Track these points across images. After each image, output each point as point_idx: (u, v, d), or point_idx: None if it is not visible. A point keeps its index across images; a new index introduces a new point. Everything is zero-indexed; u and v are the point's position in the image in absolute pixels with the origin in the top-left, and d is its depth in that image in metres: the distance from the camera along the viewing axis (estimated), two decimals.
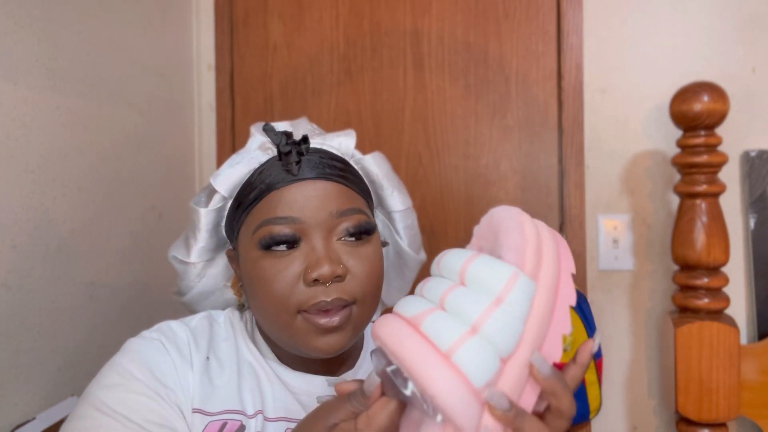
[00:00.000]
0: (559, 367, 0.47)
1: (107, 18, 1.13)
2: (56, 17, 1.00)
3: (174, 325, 0.67)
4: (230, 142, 1.49)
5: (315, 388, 0.65)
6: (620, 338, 1.30)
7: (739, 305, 1.22)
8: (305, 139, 0.63)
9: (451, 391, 0.39)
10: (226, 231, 0.68)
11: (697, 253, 1.08)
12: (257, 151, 0.65)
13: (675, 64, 1.27)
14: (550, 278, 0.44)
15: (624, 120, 1.30)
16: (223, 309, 0.73)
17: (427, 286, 0.46)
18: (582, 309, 1.19)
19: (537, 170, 1.35)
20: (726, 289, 1.11)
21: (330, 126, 1.41)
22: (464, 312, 0.41)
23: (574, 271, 0.47)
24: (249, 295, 0.64)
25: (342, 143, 0.67)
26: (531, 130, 1.35)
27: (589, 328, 1.18)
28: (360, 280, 0.61)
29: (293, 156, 0.62)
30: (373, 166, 0.69)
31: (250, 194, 0.63)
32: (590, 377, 1.18)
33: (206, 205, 0.66)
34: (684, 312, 1.12)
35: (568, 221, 1.32)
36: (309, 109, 1.45)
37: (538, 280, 0.44)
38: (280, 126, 0.67)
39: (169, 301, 1.34)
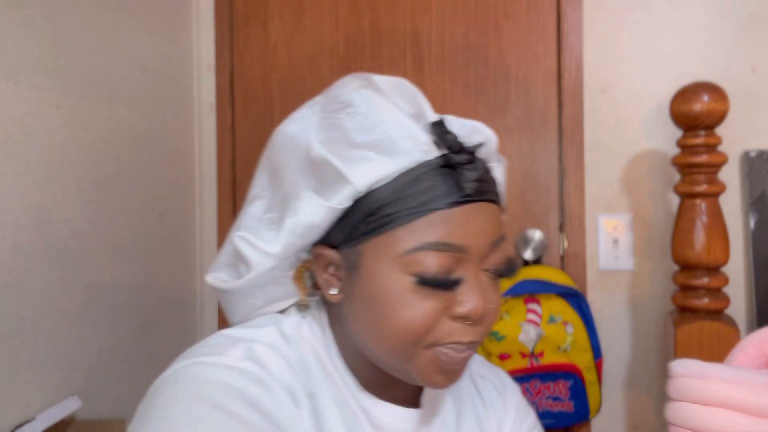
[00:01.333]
0: (560, 367, 0.45)
1: (107, 18, 1.13)
2: (56, 17, 1.00)
3: (260, 352, 0.52)
4: (230, 142, 1.49)
5: (404, 424, 0.57)
6: (620, 338, 1.30)
7: (739, 305, 1.22)
8: (478, 148, 0.52)
9: None
10: (335, 226, 0.53)
11: (697, 253, 1.08)
12: (407, 141, 0.50)
13: (675, 64, 1.27)
14: None
15: (624, 120, 1.30)
16: (274, 299, 0.58)
17: None
18: (582, 309, 1.19)
19: (537, 170, 1.35)
20: (726, 289, 1.11)
21: None
22: None
23: None
24: (364, 315, 0.52)
25: (490, 139, 0.54)
26: (531, 130, 1.35)
27: (589, 328, 1.18)
28: (491, 321, 0.53)
29: (474, 173, 0.50)
30: (501, 175, 0.56)
31: (403, 203, 0.49)
32: (590, 377, 1.18)
33: (327, 197, 0.51)
34: (684, 312, 1.12)
35: (568, 221, 1.32)
36: None
37: None
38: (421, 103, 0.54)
39: (170, 301, 1.34)
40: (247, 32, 1.49)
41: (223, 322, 1.39)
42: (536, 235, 1.32)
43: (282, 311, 0.59)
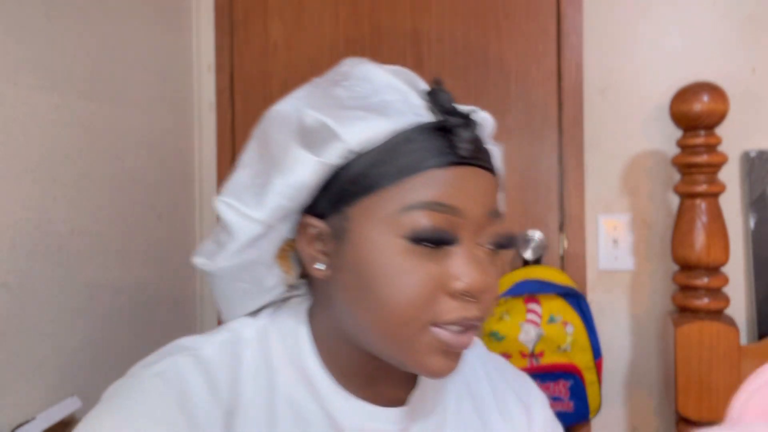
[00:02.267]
0: (560, 367, 0.41)
1: (107, 18, 1.13)
2: (56, 17, 1.00)
3: (186, 371, 0.49)
4: (230, 142, 1.49)
5: (379, 425, 0.53)
6: (620, 338, 1.30)
7: (739, 305, 1.22)
8: (474, 112, 0.52)
9: None
10: (323, 192, 0.50)
11: (697, 253, 1.08)
12: (402, 104, 0.50)
13: (675, 64, 1.27)
14: None
15: (624, 120, 1.30)
16: (262, 288, 0.56)
17: None
18: (582, 309, 1.19)
19: (537, 170, 1.35)
20: (726, 289, 1.11)
21: None
22: None
23: None
24: (355, 290, 0.49)
25: (486, 120, 0.55)
26: (531, 130, 1.35)
27: (589, 328, 1.18)
28: (493, 297, 0.50)
29: (468, 133, 0.49)
30: (498, 160, 0.56)
31: (396, 161, 0.47)
32: (590, 377, 1.18)
33: (317, 153, 0.48)
34: (684, 312, 1.12)
35: (568, 221, 1.32)
36: None
37: None
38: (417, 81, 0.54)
39: (170, 301, 1.34)
40: (247, 32, 1.49)
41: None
42: (536, 235, 1.32)
43: (259, 310, 0.57)
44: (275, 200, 0.49)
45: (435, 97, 0.50)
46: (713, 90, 1.06)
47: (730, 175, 1.21)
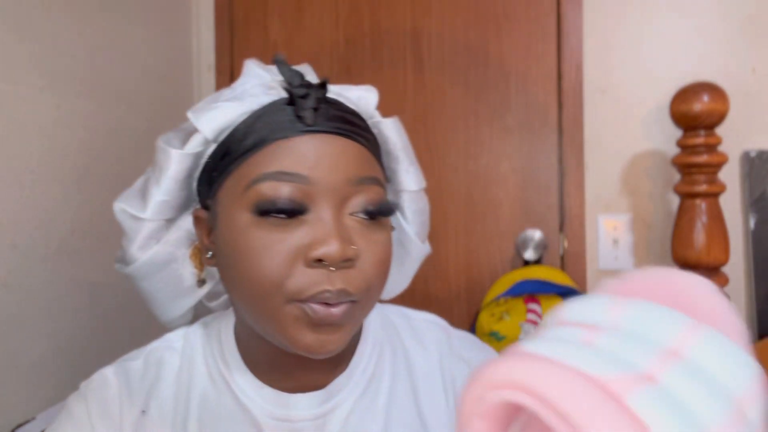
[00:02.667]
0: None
1: (107, 18, 1.13)
2: (56, 17, 1.00)
3: (110, 376, 0.56)
4: None
5: (292, 412, 0.54)
6: None
7: (739, 305, 1.22)
8: (323, 84, 0.51)
9: None
10: (199, 184, 0.54)
11: (697, 253, 1.08)
12: (257, 88, 0.52)
13: (675, 64, 1.27)
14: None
15: (624, 120, 1.30)
16: (179, 291, 0.59)
17: (601, 337, 0.29)
18: None
19: (537, 170, 1.35)
20: (726, 289, 1.11)
21: None
22: (692, 407, 0.26)
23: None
24: (227, 271, 0.50)
25: (362, 98, 0.55)
26: (531, 130, 1.35)
27: None
28: (369, 270, 0.49)
29: (310, 101, 0.49)
30: (393, 132, 0.57)
31: (246, 140, 0.49)
32: None
33: (182, 146, 0.52)
34: None
35: (568, 221, 1.32)
36: None
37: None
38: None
39: None
40: (247, 32, 1.49)
41: None
42: (536, 235, 1.32)
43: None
44: (154, 197, 0.53)
45: (283, 74, 0.52)
46: (713, 90, 1.06)
47: (730, 175, 1.21)
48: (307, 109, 0.49)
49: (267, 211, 0.47)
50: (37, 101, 0.96)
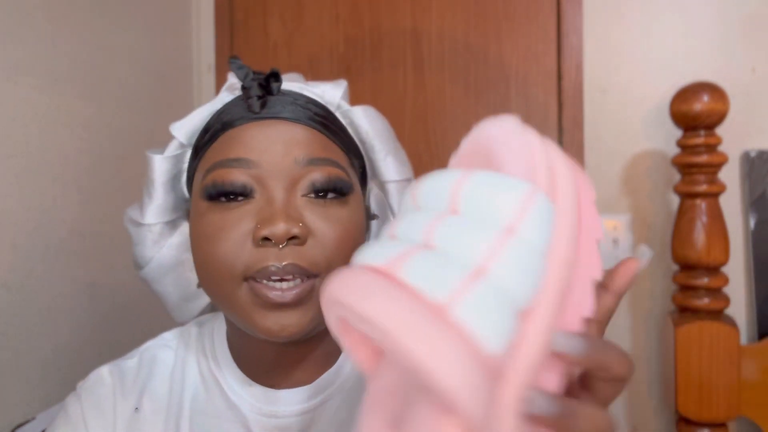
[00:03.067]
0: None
1: (107, 18, 1.13)
2: (56, 17, 1.00)
3: (105, 374, 0.58)
4: None
5: (280, 407, 0.54)
6: (620, 338, 1.30)
7: (739, 305, 1.22)
8: (275, 76, 0.53)
9: (451, 363, 0.26)
10: (187, 186, 0.58)
11: (697, 253, 1.08)
12: (224, 91, 0.55)
13: (675, 64, 1.27)
14: (569, 202, 0.31)
15: (624, 120, 1.30)
16: (187, 294, 0.62)
17: (400, 224, 0.33)
18: None
19: None
20: (726, 289, 1.11)
21: None
22: (462, 248, 0.29)
23: (594, 199, 0.34)
24: (195, 260, 0.53)
25: (326, 92, 0.56)
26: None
27: None
28: (326, 246, 0.49)
29: (255, 90, 0.52)
30: (363, 120, 0.57)
31: (205, 136, 0.53)
32: None
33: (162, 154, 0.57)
34: (684, 312, 1.12)
35: None
36: None
37: (555, 203, 0.31)
38: None
39: None
40: (247, 32, 1.49)
41: None
42: None
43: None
44: (149, 203, 0.57)
45: (233, 69, 0.54)
46: (713, 90, 1.06)
47: (730, 175, 1.21)
48: (253, 97, 0.52)
49: (215, 195, 0.49)
50: (37, 101, 0.96)
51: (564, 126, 1.32)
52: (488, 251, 0.28)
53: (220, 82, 1.49)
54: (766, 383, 1.07)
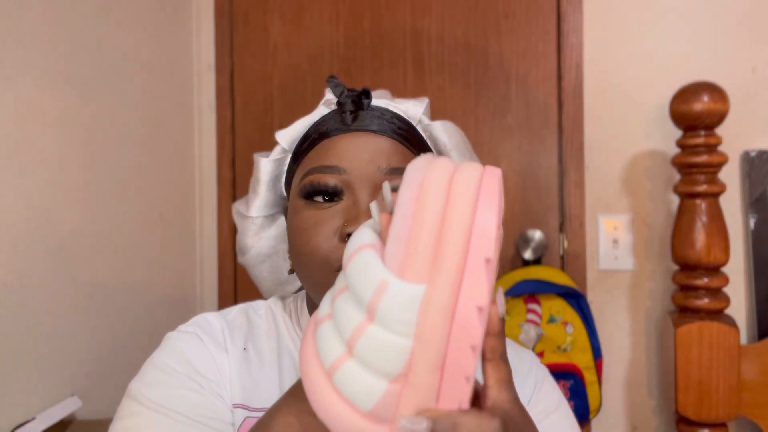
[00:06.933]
0: (560, 367, 0.38)
1: (107, 18, 1.13)
2: (56, 17, 1.00)
3: (210, 317, 0.65)
4: (230, 142, 1.49)
5: None
6: (620, 338, 1.30)
7: (739, 305, 1.22)
8: (366, 93, 0.61)
9: (339, 417, 0.35)
10: (285, 186, 0.66)
11: (697, 253, 1.08)
12: (322, 105, 0.63)
13: (675, 64, 1.27)
14: (448, 272, 0.33)
15: (624, 120, 1.30)
16: (280, 280, 0.71)
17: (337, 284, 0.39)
18: (582, 309, 1.19)
19: (537, 170, 1.35)
20: (726, 289, 1.11)
21: None
22: (343, 325, 0.35)
23: (490, 253, 0.33)
24: (291, 250, 0.60)
25: (410, 108, 0.64)
26: (531, 130, 1.35)
27: (589, 328, 1.18)
28: None
29: (348, 105, 0.60)
30: (442, 134, 0.65)
31: (304, 144, 0.61)
32: (590, 377, 1.18)
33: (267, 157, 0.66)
34: (684, 312, 1.12)
35: (568, 221, 1.32)
36: (309, 109, 1.45)
37: (435, 272, 0.33)
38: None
39: (170, 301, 1.34)
40: (247, 32, 1.49)
41: None
42: (536, 235, 1.32)
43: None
44: (255, 198, 0.65)
45: (330, 86, 0.61)
46: (713, 90, 1.06)
47: (730, 175, 1.21)
48: (347, 111, 0.59)
49: (311, 194, 0.57)
50: (37, 101, 0.96)
51: (564, 126, 1.32)
52: (354, 332, 0.34)
53: (220, 82, 1.49)
54: (766, 383, 1.07)
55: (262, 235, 0.68)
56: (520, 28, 1.36)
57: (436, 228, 0.33)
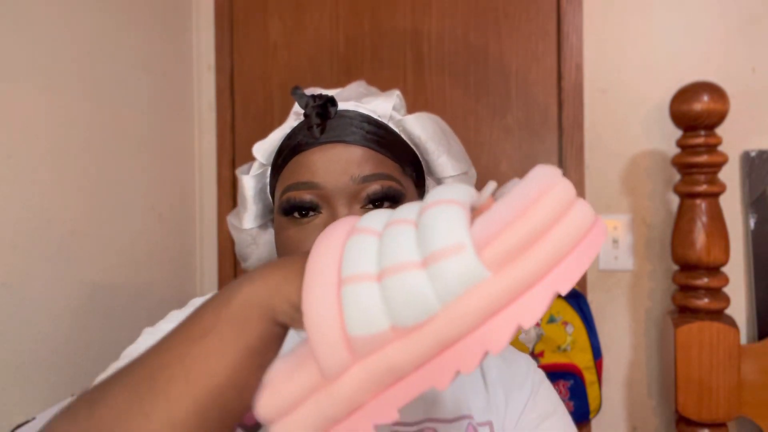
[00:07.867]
0: (560, 367, 0.38)
1: (107, 18, 1.13)
2: (56, 17, 1.00)
3: (198, 301, 0.66)
4: (230, 142, 1.49)
5: None
6: (620, 338, 1.30)
7: (739, 305, 1.22)
8: (332, 101, 0.60)
9: (321, 320, 0.33)
10: (271, 196, 0.67)
11: (697, 253, 1.08)
12: (293, 115, 0.63)
13: (675, 64, 1.27)
14: (517, 279, 0.32)
15: (624, 120, 1.30)
16: None
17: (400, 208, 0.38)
18: (582, 309, 1.19)
19: None
20: (726, 289, 1.11)
21: None
22: (389, 251, 0.33)
23: (563, 291, 0.32)
24: None
25: (378, 106, 0.63)
26: (531, 130, 1.35)
27: (589, 328, 1.18)
28: None
29: (314, 119, 0.59)
30: (416, 127, 0.63)
31: (279, 159, 0.62)
32: (590, 377, 1.18)
33: (248, 172, 0.66)
34: (684, 312, 1.12)
35: None
36: None
37: (506, 270, 0.32)
38: (327, 91, 0.64)
39: (169, 301, 1.34)
40: (247, 32, 1.49)
41: None
42: None
43: None
44: (244, 212, 0.67)
45: (295, 97, 0.61)
46: (713, 90, 1.06)
47: (730, 175, 1.21)
48: (313, 125, 0.59)
49: (290, 210, 0.58)
50: (37, 101, 0.96)
51: (564, 126, 1.32)
52: (396, 265, 0.32)
53: (220, 82, 1.49)
54: (766, 383, 1.07)
55: (259, 243, 0.69)
56: (520, 28, 1.36)
57: (535, 235, 0.32)
